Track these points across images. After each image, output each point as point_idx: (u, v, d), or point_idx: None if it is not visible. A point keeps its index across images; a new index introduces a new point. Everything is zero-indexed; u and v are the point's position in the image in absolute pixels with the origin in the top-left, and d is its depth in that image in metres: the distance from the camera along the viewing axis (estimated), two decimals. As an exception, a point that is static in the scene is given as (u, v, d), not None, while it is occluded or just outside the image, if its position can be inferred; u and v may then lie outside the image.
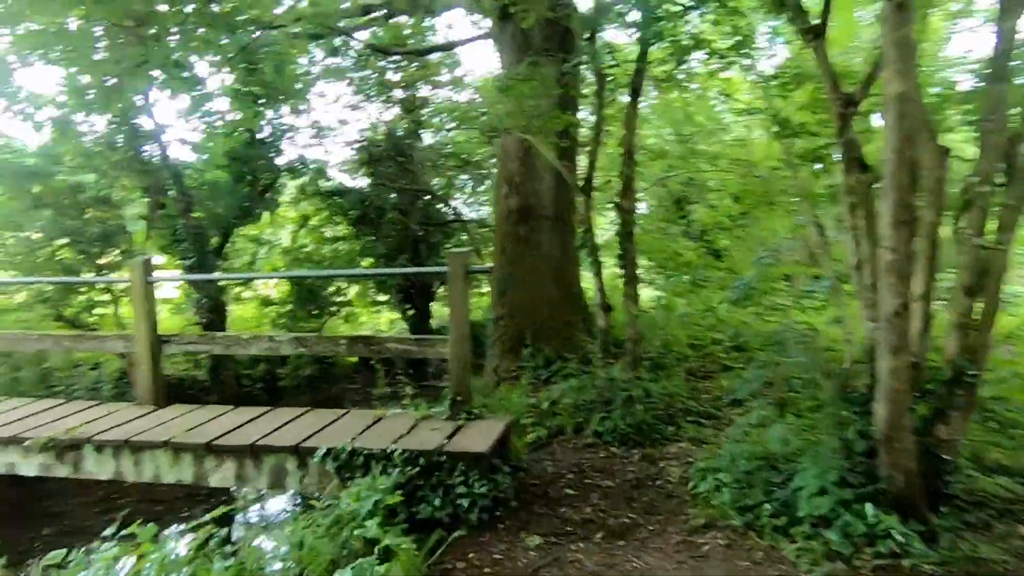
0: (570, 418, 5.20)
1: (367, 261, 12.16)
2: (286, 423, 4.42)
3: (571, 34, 6.48)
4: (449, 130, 12.22)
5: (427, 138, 12.43)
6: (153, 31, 6.86)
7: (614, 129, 6.71)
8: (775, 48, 5.47)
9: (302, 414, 4.62)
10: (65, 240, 7.04)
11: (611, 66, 5.17)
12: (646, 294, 10.37)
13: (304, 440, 4.03)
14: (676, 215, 9.36)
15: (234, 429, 4.32)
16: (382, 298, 12.66)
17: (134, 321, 4.97)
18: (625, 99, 5.80)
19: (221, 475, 4.15)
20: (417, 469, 3.66)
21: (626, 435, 4.83)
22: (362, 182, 11.66)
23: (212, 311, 7.95)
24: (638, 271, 8.78)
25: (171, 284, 9.36)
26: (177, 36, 7.61)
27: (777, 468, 3.54)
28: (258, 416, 4.62)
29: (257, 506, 6.49)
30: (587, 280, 7.35)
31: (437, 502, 3.56)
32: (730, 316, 7.12)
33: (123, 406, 5.06)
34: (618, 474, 4.31)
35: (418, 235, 11.52)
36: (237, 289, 10.04)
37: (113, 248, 7.28)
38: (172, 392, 8.26)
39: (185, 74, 7.83)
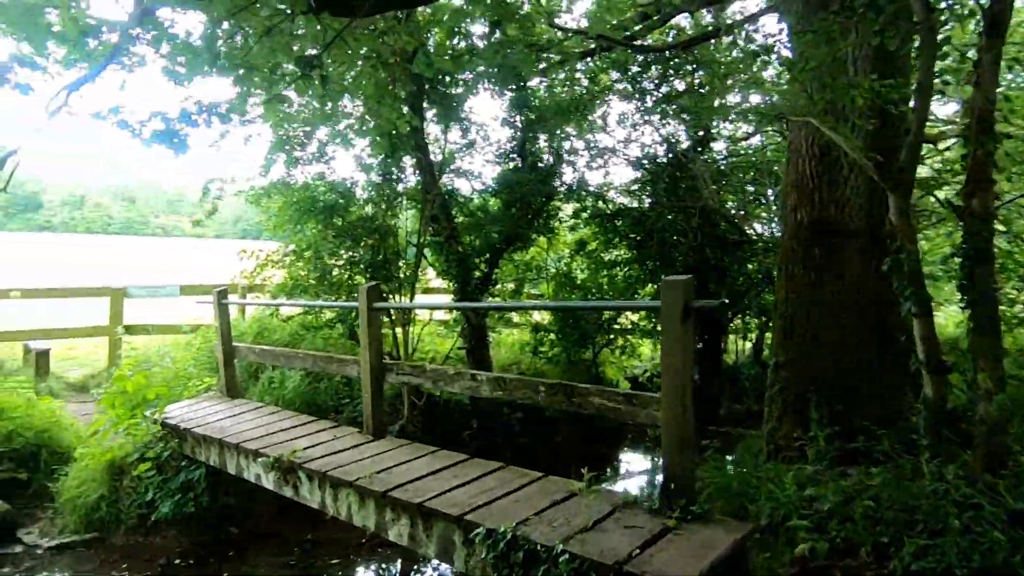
0: (868, 533, 3.42)
1: (647, 288, 11.15)
2: (470, 480, 3.76)
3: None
4: (740, 139, 10.57)
5: (718, 147, 10.98)
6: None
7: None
8: None
9: (493, 470, 3.92)
10: (356, 267, 7.78)
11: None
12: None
13: (472, 509, 3.30)
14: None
15: (416, 479, 3.83)
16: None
17: (361, 347, 4.96)
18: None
19: (397, 531, 3.69)
20: (585, 589, 2.60)
21: (967, 587, 2.92)
22: (643, 202, 10.77)
23: (473, 337, 7.96)
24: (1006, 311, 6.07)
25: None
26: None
27: None
28: (451, 465, 4.08)
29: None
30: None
31: (604, 651, 2.44)
32: None
33: (349, 432, 5.08)
34: (942, 664, 2.53)
35: (702, 258, 10.08)
36: (510, 314, 10.06)
37: (391, 274, 7.78)
38: (439, 413, 8.62)
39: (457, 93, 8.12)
